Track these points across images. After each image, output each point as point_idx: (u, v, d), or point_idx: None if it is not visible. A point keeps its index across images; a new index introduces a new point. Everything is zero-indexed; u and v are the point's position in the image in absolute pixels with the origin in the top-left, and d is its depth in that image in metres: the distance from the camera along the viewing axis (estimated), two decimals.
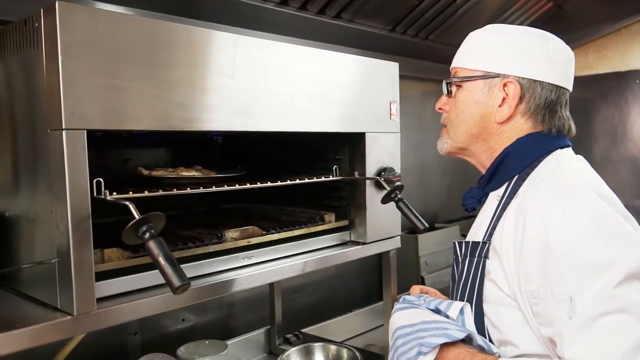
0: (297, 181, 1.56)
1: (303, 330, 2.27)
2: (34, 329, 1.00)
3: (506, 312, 1.05)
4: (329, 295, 2.78)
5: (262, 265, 1.44)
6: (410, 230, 3.00)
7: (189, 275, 1.25)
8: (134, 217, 1.01)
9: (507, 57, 1.16)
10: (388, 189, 1.60)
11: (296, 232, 1.54)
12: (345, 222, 1.72)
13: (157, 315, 2.03)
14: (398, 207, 1.57)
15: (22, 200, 1.17)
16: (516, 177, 1.15)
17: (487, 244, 1.12)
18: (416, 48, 2.99)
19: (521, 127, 1.18)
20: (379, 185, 1.66)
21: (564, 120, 1.19)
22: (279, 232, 1.50)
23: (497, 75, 1.16)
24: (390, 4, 2.55)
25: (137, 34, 1.10)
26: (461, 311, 1.11)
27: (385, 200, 1.59)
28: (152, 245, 0.98)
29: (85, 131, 1.03)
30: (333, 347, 1.91)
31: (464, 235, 1.28)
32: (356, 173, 1.67)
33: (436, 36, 2.99)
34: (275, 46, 1.40)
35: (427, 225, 1.54)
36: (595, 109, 3.55)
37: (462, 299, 1.14)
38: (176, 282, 0.95)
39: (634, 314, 0.91)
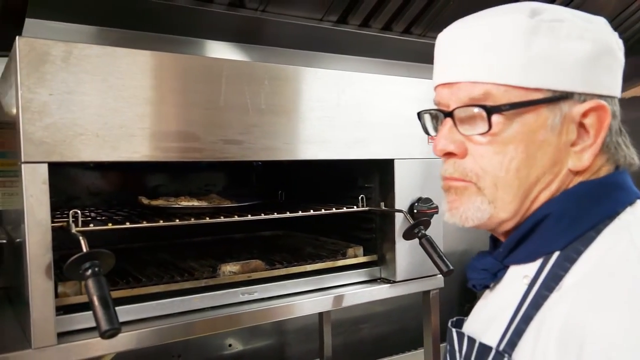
0: (311, 212, 1.45)
1: None
2: None
3: None
4: (398, 328, 2.59)
5: (266, 303, 1.35)
6: None
7: (178, 310, 1.23)
8: (82, 251, 0.98)
9: (581, 62, 0.73)
10: (411, 222, 1.43)
11: (308, 267, 1.43)
12: (374, 257, 1.56)
13: (202, 338, 2.03)
14: (421, 243, 1.39)
15: (11, 230, 1.21)
16: (557, 253, 0.74)
17: (505, 359, 0.74)
18: None
19: (593, 171, 0.78)
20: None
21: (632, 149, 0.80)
22: (287, 267, 1.40)
23: (568, 96, 0.74)
24: (468, 14, 2.34)
25: (103, 64, 1.08)
26: None
27: (407, 236, 1.42)
28: (90, 283, 0.93)
29: (47, 164, 1.03)
30: None
31: (464, 308, 1.00)
32: (382, 204, 1.52)
33: None
34: (278, 70, 1.31)
35: (452, 267, 1.34)
36: None
37: None
38: (104, 325, 0.89)
39: None
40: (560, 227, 0.74)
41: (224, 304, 1.30)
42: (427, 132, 0.91)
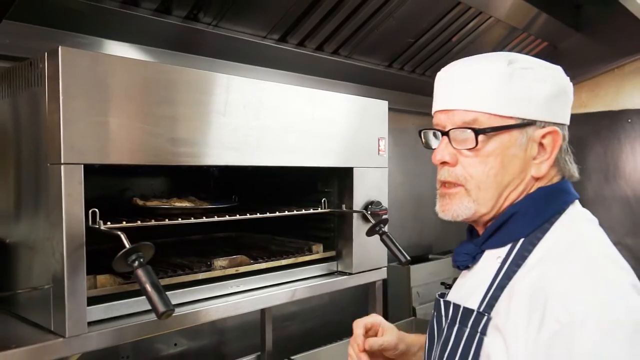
0: (286, 213, 1.64)
1: (293, 357, 2.31)
2: (28, 350, 1.07)
3: None
4: (321, 323, 2.82)
5: (249, 293, 1.50)
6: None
7: (178, 301, 1.35)
8: (125, 246, 1.08)
9: (544, 99, 0.99)
10: (373, 222, 1.67)
11: (283, 262, 1.61)
12: (332, 253, 1.78)
13: (149, 339, 2.09)
14: (382, 239, 1.64)
15: (23, 228, 1.25)
16: (522, 240, 0.99)
17: (485, 318, 0.95)
18: (413, 83, 3.09)
19: (549, 179, 1.04)
20: (365, 218, 1.73)
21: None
22: (267, 261, 1.57)
23: (532, 123, 0.99)
24: (387, 41, 2.65)
25: (132, 76, 1.19)
26: None
27: (369, 233, 1.66)
28: (140, 273, 1.05)
29: (82, 165, 1.11)
30: None
31: (446, 285, 1.21)
32: (344, 206, 1.75)
33: (433, 72, 3.07)
34: (266, 85, 1.49)
35: (409, 258, 1.60)
36: (588, 146, 3.63)
37: None
38: (161, 308, 1.02)
39: None
40: (524, 221, 1.00)
41: (216, 295, 1.44)
42: (426, 146, 1.14)
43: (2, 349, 1.04)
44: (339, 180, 1.78)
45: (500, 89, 0.98)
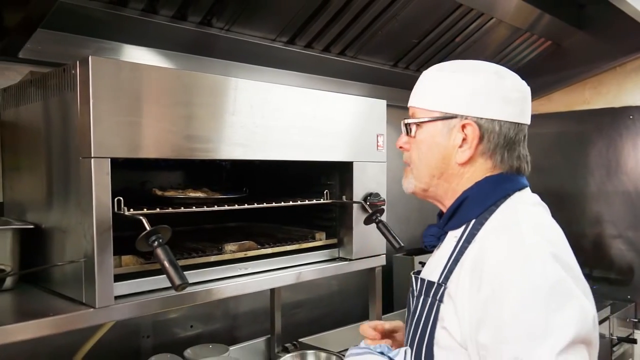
0: (291, 203, 1.79)
1: (300, 339, 2.47)
2: (64, 317, 1.24)
3: (455, 357, 1.09)
4: (328, 311, 2.98)
5: (256, 275, 1.66)
6: (407, 252, 3.19)
7: (192, 280, 1.50)
8: (146, 229, 1.24)
9: (463, 98, 1.16)
10: (370, 211, 1.82)
11: (288, 248, 1.77)
12: (334, 240, 1.93)
13: (167, 321, 2.27)
14: (378, 227, 1.78)
15: (56, 214, 1.42)
16: (474, 220, 1.16)
17: (443, 288, 1.13)
18: None
19: (481, 167, 1.19)
20: (364, 209, 1.88)
21: (521, 159, 1.21)
22: (272, 246, 1.73)
23: (454, 116, 1.17)
24: (391, 42, 2.78)
25: (153, 80, 1.35)
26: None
27: (367, 222, 1.81)
28: (159, 251, 1.21)
29: (110, 159, 1.28)
30: (324, 355, 2.12)
31: (422, 264, 1.40)
32: (344, 197, 1.90)
33: None
34: (270, 87, 1.64)
35: (402, 244, 1.75)
36: (591, 142, 3.73)
37: (414, 339, 1.18)
38: (177, 281, 1.18)
39: None
40: (474, 205, 1.17)
41: (226, 276, 1.60)
42: None
43: (41, 316, 1.21)
44: (340, 173, 1.93)
45: (429, 89, 1.22)
